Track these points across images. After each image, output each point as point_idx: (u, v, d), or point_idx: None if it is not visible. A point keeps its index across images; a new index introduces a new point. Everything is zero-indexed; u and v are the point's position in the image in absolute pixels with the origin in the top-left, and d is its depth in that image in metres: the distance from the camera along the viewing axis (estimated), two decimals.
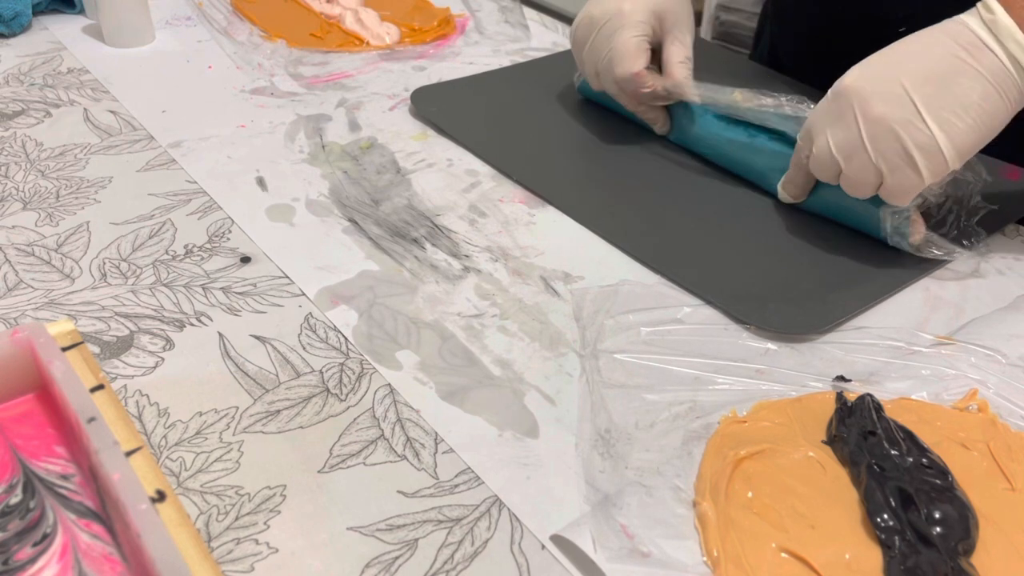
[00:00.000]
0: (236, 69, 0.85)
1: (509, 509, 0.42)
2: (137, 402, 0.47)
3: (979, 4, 0.54)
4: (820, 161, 0.58)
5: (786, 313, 0.54)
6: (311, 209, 0.64)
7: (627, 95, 0.71)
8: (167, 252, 0.59)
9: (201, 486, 0.42)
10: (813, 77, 0.81)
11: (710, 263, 0.59)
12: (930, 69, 0.54)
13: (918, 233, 0.58)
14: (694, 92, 0.69)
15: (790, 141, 0.62)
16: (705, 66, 0.77)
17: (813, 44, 0.83)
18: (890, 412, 0.46)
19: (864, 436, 0.44)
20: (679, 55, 0.70)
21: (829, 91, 0.57)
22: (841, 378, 0.50)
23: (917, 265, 0.58)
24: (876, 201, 0.58)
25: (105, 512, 0.36)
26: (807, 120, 0.59)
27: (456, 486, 0.43)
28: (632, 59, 0.68)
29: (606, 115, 0.76)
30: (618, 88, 0.70)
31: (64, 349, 0.40)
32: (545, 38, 0.95)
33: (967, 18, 0.54)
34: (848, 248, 0.60)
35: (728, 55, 1.02)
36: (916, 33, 0.56)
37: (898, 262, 0.58)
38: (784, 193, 0.63)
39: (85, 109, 0.77)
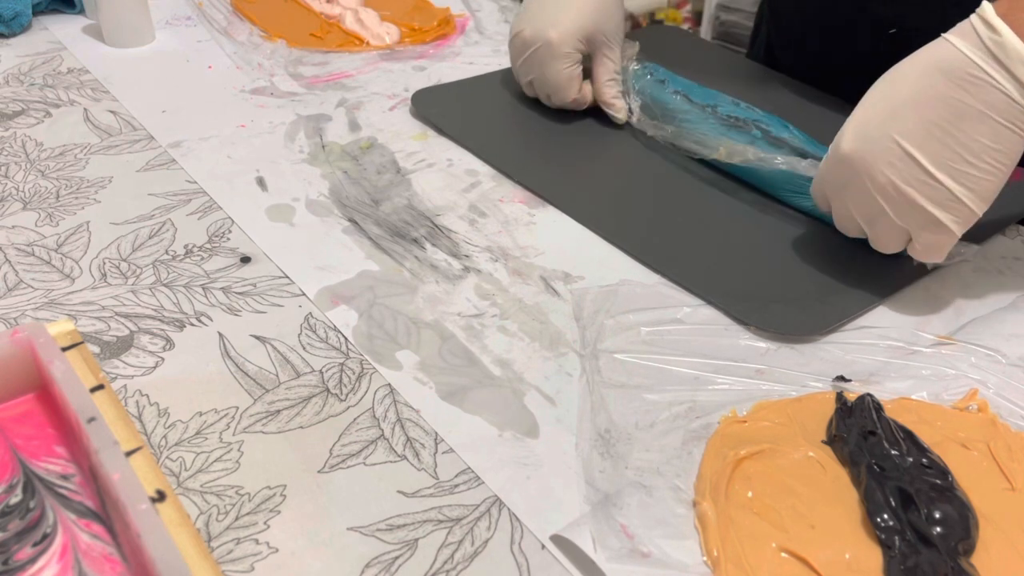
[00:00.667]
0: (236, 69, 0.85)
1: (509, 509, 0.42)
2: (137, 402, 0.47)
3: (975, 19, 0.48)
4: (843, 224, 0.56)
5: (787, 314, 0.54)
6: (311, 209, 0.64)
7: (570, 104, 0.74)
8: (167, 252, 0.59)
9: (201, 486, 0.42)
10: (808, 75, 0.81)
11: (711, 263, 0.59)
12: (928, 120, 0.49)
13: None
14: (623, 111, 0.73)
15: (796, 152, 0.63)
16: (704, 66, 0.77)
17: (808, 43, 0.83)
18: (890, 412, 0.46)
19: (864, 436, 0.44)
20: (606, 74, 0.73)
21: (830, 153, 0.54)
22: (841, 378, 0.50)
23: (917, 268, 0.58)
24: None
25: (105, 512, 0.36)
26: (816, 181, 0.57)
27: (456, 486, 0.43)
28: (565, 90, 0.72)
29: (607, 115, 0.76)
30: (559, 104, 0.74)
31: (64, 349, 0.40)
32: None
33: (960, 40, 0.48)
34: (849, 249, 0.60)
35: (725, 55, 1.02)
36: (903, 66, 0.52)
37: (899, 264, 0.58)
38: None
39: (85, 109, 0.77)
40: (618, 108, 0.73)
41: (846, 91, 0.77)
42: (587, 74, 0.74)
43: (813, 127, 0.66)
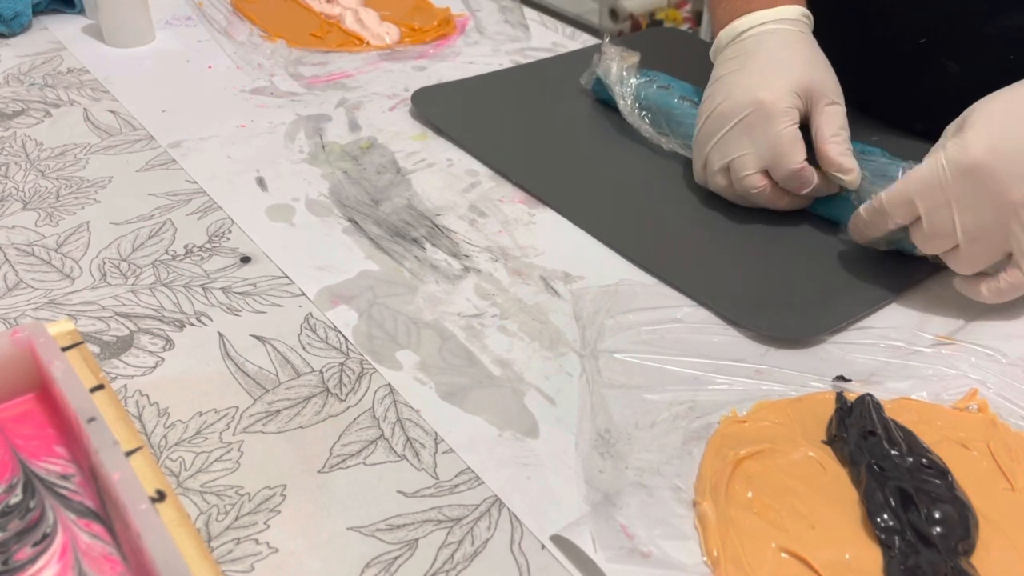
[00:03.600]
0: (236, 69, 0.85)
1: (509, 509, 0.42)
2: (137, 402, 0.47)
3: None
4: (934, 236, 0.51)
5: (785, 318, 0.53)
6: (311, 209, 0.64)
7: (768, 198, 0.61)
8: (167, 252, 0.59)
9: (201, 486, 0.42)
10: None
11: (709, 266, 0.58)
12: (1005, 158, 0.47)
13: None
14: (855, 174, 0.58)
15: None
16: (706, 68, 0.77)
17: (834, 63, 0.82)
18: (890, 412, 0.46)
19: (864, 436, 0.44)
20: (830, 129, 0.58)
21: (945, 160, 0.50)
22: (841, 378, 0.50)
23: (918, 270, 0.58)
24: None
25: (105, 512, 0.36)
26: (907, 186, 0.51)
27: (456, 486, 0.43)
28: (789, 155, 0.58)
29: (607, 117, 0.76)
30: (759, 190, 0.60)
31: (64, 349, 0.40)
32: (545, 38, 0.95)
33: None
34: (850, 252, 0.60)
35: None
36: (1009, 93, 0.50)
37: (900, 267, 0.58)
38: (854, 234, 0.57)
39: (85, 109, 0.77)
40: (847, 169, 0.58)
41: (857, 97, 0.77)
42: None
43: None
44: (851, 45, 0.77)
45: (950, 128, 0.52)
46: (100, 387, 0.38)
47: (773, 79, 0.58)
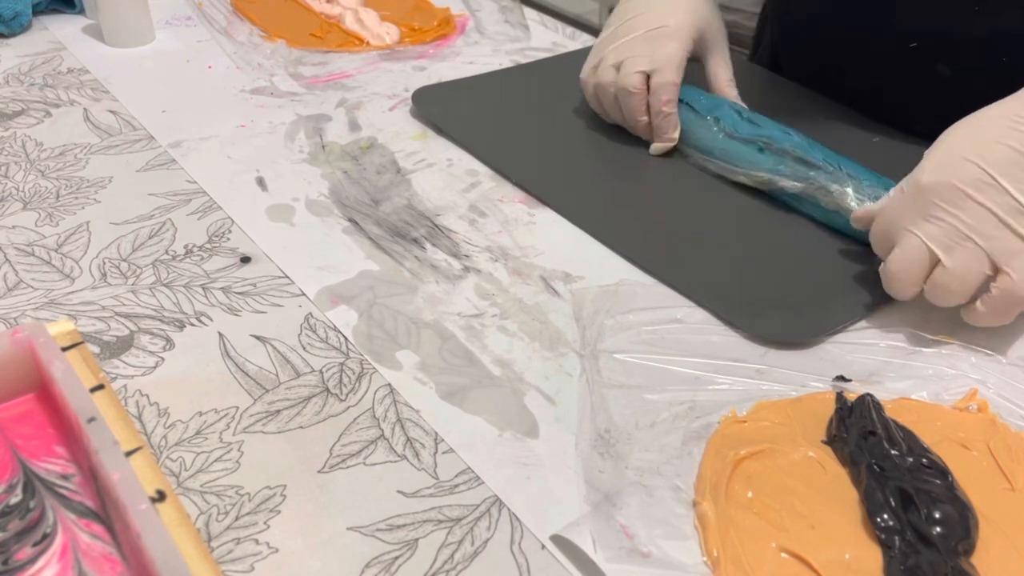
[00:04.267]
0: (236, 69, 0.85)
1: (509, 509, 0.42)
2: (137, 402, 0.47)
3: None
4: (910, 261, 0.51)
5: (783, 320, 0.53)
6: (311, 209, 0.64)
7: (635, 103, 0.69)
8: (167, 252, 0.59)
9: (201, 486, 0.42)
10: (814, 82, 0.81)
11: (709, 268, 0.58)
12: (1018, 151, 0.50)
13: None
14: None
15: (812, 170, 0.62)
16: (703, 67, 0.77)
17: (817, 55, 0.82)
18: (890, 412, 0.46)
19: (864, 436, 0.44)
20: (726, 74, 0.71)
21: (904, 187, 0.53)
22: (841, 378, 0.50)
23: None
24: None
25: (105, 512, 0.36)
26: (881, 219, 0.54)
27: (456, 486, 0.43)
28: (674, 71, 0.68)
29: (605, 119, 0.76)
30: (636, 91, 0.68)
31: (64, 349, 0.40)
32: (545, 38, 0.95)
33: None
34: (849, 253, 0.59)
35: (742, 65, 1.02)
36: (989, 109, 0.52)
37: None
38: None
39: (85, 109, 0.77)
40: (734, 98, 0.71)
41: (854, 98, 0.77)
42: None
43: (818, 133, 0.66)
44: (848, 48, 0.77)
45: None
46: (100, 387, 0.38)
47: (682, 11, 0.69)
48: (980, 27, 0.57)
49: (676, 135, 0.69)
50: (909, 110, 0.71)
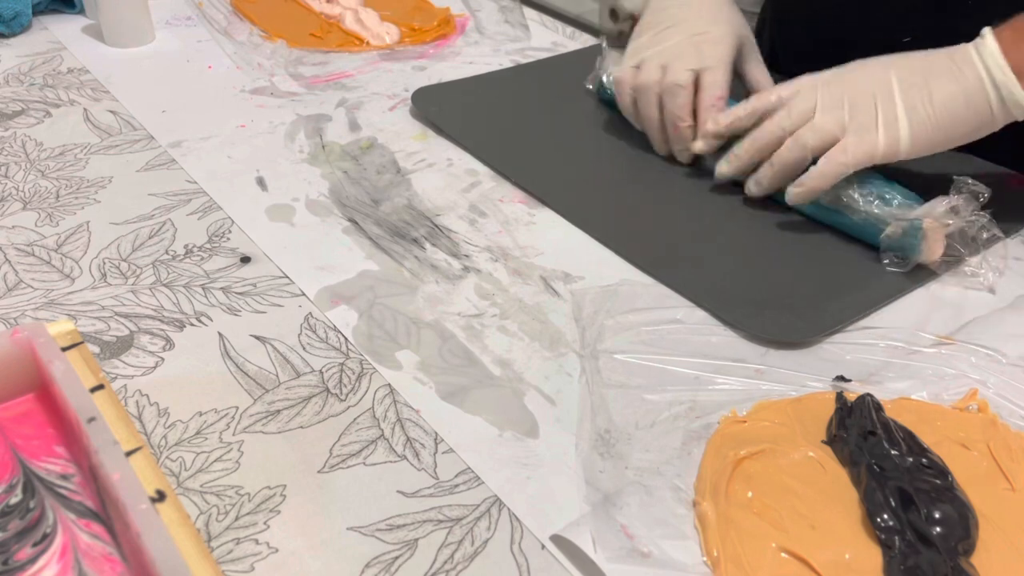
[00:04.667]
0: (236, 69, 0.85)
1: (509, 509, 0.42)
2: (137, 402, 0.47)
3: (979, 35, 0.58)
4: (794, 112, 0.60)
5: (783, 320, 0.53)
6: (311, 209, 0.64)
7: (683, 100, 0.67)
8: (167, 252, 0.59)
9: (201, 486, 0.42)
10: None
11: (708, 268, 0.58)
12: (917, 64, 0.58)
13: (936, 252, 0.57)
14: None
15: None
16: None
17: (814, 52, 0.82)
18: (890, 412, 0.46)
19: (864, 436, 0.44)
20: (766, 79, 0.72)
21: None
22: (841, 378, 0.50)
23: (916, 273, 0.57)
24: (881, 221, 0.57)
25: (105, 512, 0.36)
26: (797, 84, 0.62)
27: (456, 486, 0.43)
28: (725, 70, 0.68)
29: (606, 118, 0.76)
30: (685, 86, 0.67)
31: (64, 349, 0.40)
32: (545, 38, 0.95)
33: (968, 44, 0.58)
34: (849, 254, 0.59)
35: None
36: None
37: (900, 268, 0.58)
38: (724, 169, 0.65)
39: (85, 109, 0.77)
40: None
41: None
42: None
43: None
44: (844, 46, 0.77)
45: None
46: (100, 387, 0.38)
47: (723, 20, 0.71)
48: (970, 23, 0.58)
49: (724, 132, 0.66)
50: None
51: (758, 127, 0.62)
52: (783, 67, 0.87)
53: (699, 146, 0.67)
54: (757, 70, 0.72)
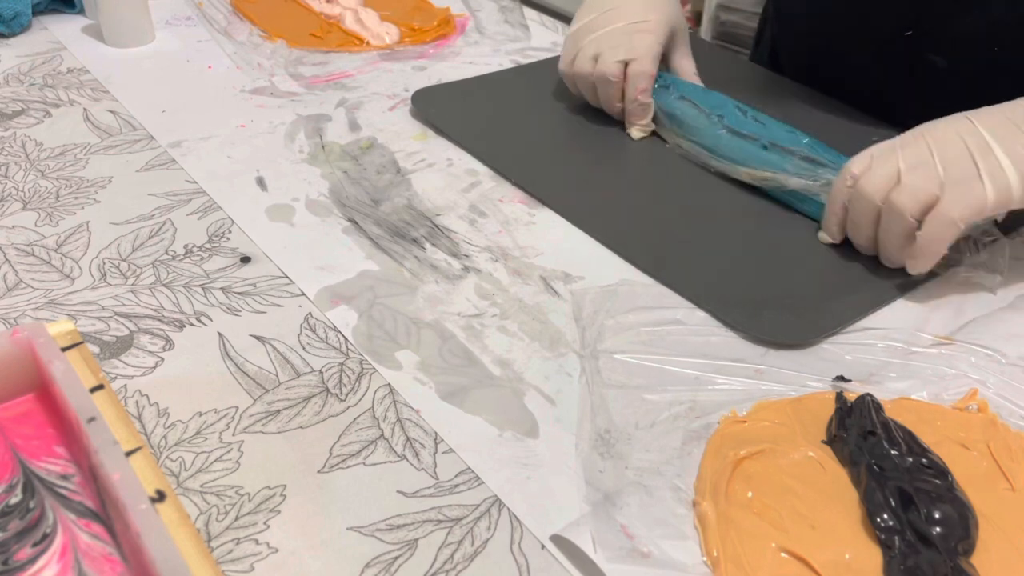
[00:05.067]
0: (236, 69, 0.85)
1: (509, 509, 0.42)
2: (137, 402, 0.47)
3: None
4: (876, 178, 0.55)
5: (783, 320, 0.53)
6: (311, 209, 0.64)
7: (613, 91, 0.73)
8: (167, 252, 0.59)
9: (201, 486, 0.42)
10: (814, 80, 0.81)
11: (707, 269, 0.58)
12: (1002, 116, 0.55)
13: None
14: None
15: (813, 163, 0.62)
16: (705, 69, 0.77)
17: (815, 48, 0.83)
18: (890, 412, 0.46)
19: (864, 436, 0.44)
20: (691, 67, 0.76)
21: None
22: (841, 378, 0.50)
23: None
24: None
25: (105, 512, 0.36)
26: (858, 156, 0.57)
27: (456, 486, 0.43)
28: (651, 62, 0.72)
29: (606, 118, 0.76)
30: (615, 79, 0.72)
31: (64, 349, 0.40)
32: (545, 38, 0.95)
33: None
34: (850, 254, 0.59)
35: (728, 57, 1.02)
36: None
37: (897, 270, 0.58)
38: (826, 235, 0.60)
39: (85, 109, 0.77)
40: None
41: (851, 92, 0.77)
42: None
43: (818, 131, 0.65)
44: (845, 41, 0.77)
45: None
46: (100, 387, 0.38)
47: (657, 9, 0.73)
48: (972, 17, 0.58)
49: (649, 120, 0.73)
50: (905, 105, 0.72)
51: (850, 211, 0.58)
52: (784, 63, 0.87)
53: (634, 133, 0.74)
54: (684, 60, 0.76)
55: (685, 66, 0.76)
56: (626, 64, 0.71)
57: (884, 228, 0.56)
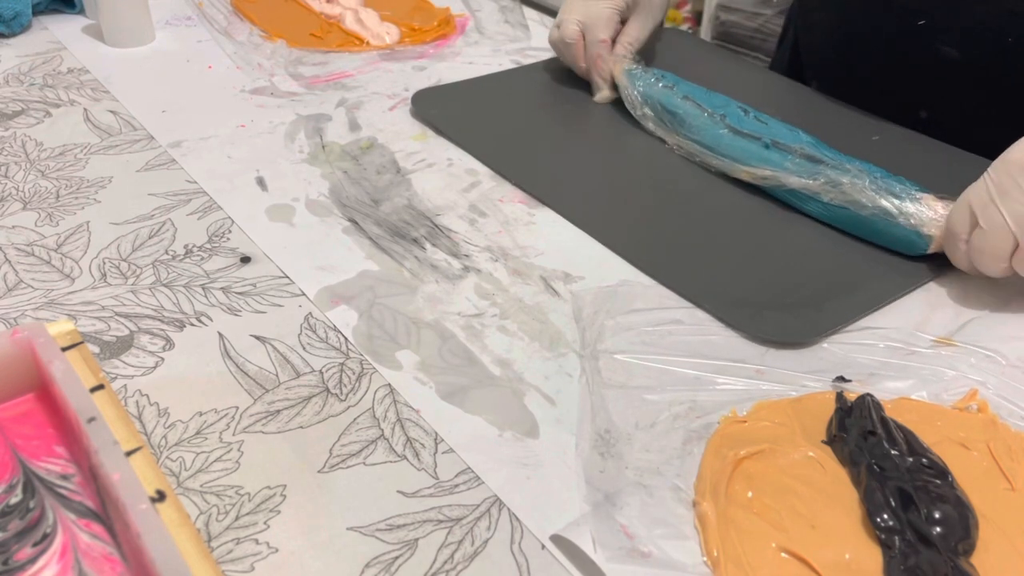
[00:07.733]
0: (236, 69, 0.85)
1: (509, 509, 0.42)
2: (137, 402, 0.47)
3: None
4: (992, 236, 0.53)
5: (783, 321, 0.53)
6: (311, 209, 0.64)
7: (573, 53, 0.78)
8: (167, 252, 0.59)
9: (201, 486, 0.42)
10: (835, 86, 0.80)
11: (707, 268, 0.58)
12: None
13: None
14: (618, 74, 0.76)
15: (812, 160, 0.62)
16: (706, 69, 0.77)
17: (840, 50, 0.82)
18: (890, 412, 0.46)
19: (864, 436, 0.44)
20: (633, 35, 0.78)
21: (990, 169, 0.54)
22: (841, 378, 0.50)
23: (918, 271, 0.58)
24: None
25: (105, 512, 0.36)
26: (963, 200, 0.55)
27: (456, 486, 0.43)
28: (602, 28, 0.77)
29: (606, 118, 0.76)
30: (572, 42, 0.77)
31: (64, 349, 0.40)
32: (545, 38, 0.94)
33: None
34: (849, 254, 0.59)
35: (728, 57, 1.02)
36: None
37: (899, 268, 0.58)
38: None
39: (85, 109, 0.77)
40: (615, 67, 0.77)
41: (872, 91, 0.77)
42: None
43: (819, 131, 0.66)
44: (857, 33, 0.77)
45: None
46: (100, 387, 0.38)
47: None
48: (985, 7, 0.57)
49: (608, 85, 0.78)
50: (916, 96, 0.71)
51: (975, 262, 0.55)
52: (805, 69, 0.87)
53: (596, 97, 0.79)
54: (633, 27, 0.79)
55: (630, 31, 0.78)
56: (582, 28, 0.76)
57: (1016, 258, 0.53)
